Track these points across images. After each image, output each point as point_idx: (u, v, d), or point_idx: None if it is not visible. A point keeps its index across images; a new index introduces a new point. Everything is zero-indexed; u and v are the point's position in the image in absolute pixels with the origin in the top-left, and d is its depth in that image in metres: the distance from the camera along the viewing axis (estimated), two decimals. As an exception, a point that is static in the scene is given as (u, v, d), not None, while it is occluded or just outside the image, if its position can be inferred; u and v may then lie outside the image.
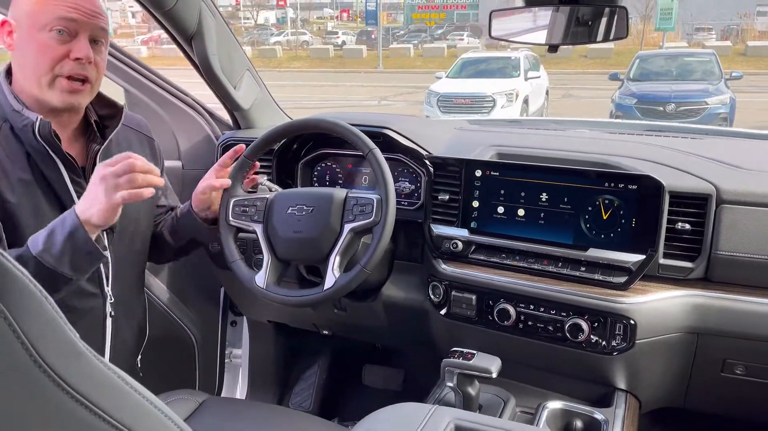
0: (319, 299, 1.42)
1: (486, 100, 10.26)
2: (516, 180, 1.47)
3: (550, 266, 1.43)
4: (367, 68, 23.51)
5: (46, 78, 1.14)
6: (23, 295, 0.57)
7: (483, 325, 1.49)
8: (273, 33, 34.37)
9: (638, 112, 9.17)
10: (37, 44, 1.12)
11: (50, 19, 1.11)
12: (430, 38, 32.32)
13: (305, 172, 1.83)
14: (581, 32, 1.30)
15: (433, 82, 11.61)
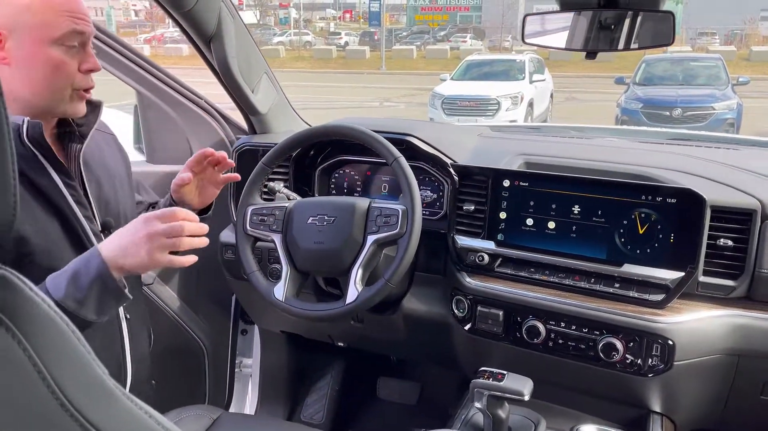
0: (341, 314, 1.36)
1: (491, 103, 10.19)
2: (547, 191, 1.41)
3: (582, 282, 1.37)
4: (369, 69, 23.46)
5: (67, 93, 1.09)
6: (47, 328, 0.51)
7: (510, 342, 1.43)
8: (276, 33, 34.32)
9: (644, 117, 9.12)
10: (51, 61, 1.05)
11: (63, 33, 1.05)
12: (432, 40, 32.28)
13: (322, 179, 1.77)
14: (619, 38, 1.24)
15: (435, 83, 11.54)
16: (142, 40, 30.94)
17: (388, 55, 24.95)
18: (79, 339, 0.53)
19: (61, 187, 1.12)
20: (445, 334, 1.58)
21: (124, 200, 1.31)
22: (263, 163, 1.48)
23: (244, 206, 1.47)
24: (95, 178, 1.23)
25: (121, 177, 1.32)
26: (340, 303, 1.36)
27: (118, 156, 1.35)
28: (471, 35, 31.53)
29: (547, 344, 1.38)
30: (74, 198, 1.14)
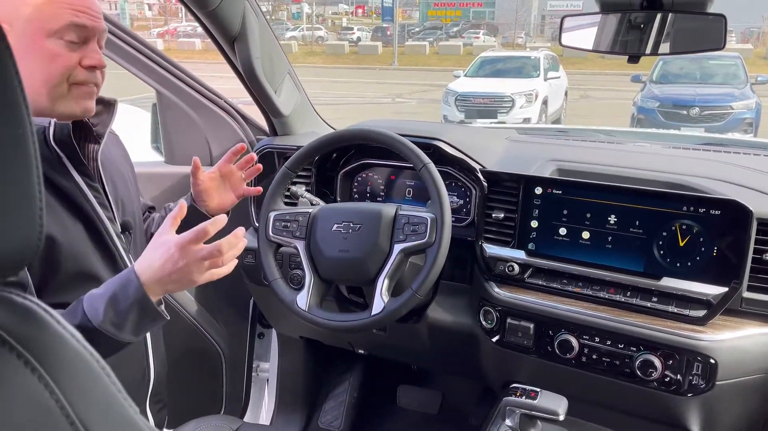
0: (367, 325, 1.31)
1: (505, 100, 10.10)
2: (581, 200, 1.36)
3: (618, 295, 1.31)
4: (381, 65, 23.37)
5: (62, 88, 1.03)
6: (76, 367, 0.47)
7: (540, 356, 1.37)
8: (288, 28, 34.29)
9: (661, 116, 8.99)
10: (46, 53, 1.00)
11: (61, 26, 1.00)
12: (445, 36, 32.13)
13: (345, 183, 1.73)
14: (664, 41, 1.18)
15: (448, 79, 11.45)
16: (156, 34, 31.02)
17: (400, 51, 24.84)
18: (109, 376, 0.49)
19: (84, 189, 1.10)
20: (471, 345, 1.53)
21: (134, 200, 1.29)
22: (287, 167, 1.43)
23: (267, 211, 1.43)
24: (111, 179, 1.20)
25: (129, 176, 1.30)
26: (365, 314, 1.32)
27: (123, 155, 1.32)
28: (484, 31, 31.33)
29: (580, 359, 1.32)
30: (98, 200, 1.12)
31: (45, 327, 0.46)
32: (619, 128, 2.44)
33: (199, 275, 1.01)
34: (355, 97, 15.03)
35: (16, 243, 0.46)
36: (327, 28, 37.26)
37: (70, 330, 0.48)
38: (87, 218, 1.10)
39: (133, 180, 1.33)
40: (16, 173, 0.46)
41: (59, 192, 1.06)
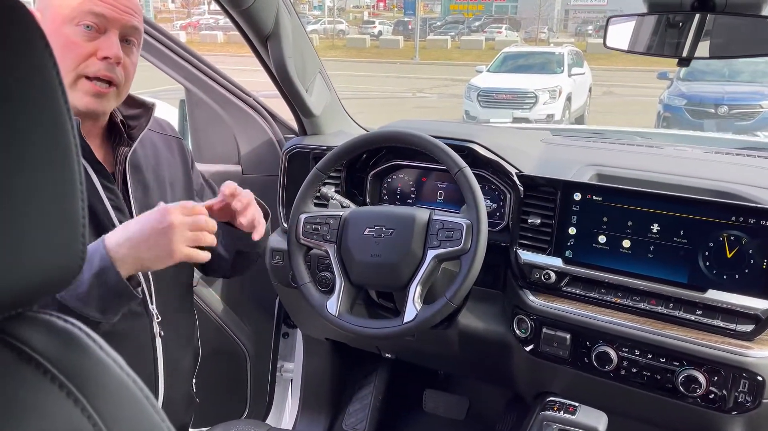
0: (399, 333, 1.28)
1: (528, 96, 10.01)
2: (622, 207, 1.31)
3: (660, 307, 1.26)
4: (403, 59, 23.27)
5: (68, 77, 1.00)
6: (119, 397, 0.44)
7: (577, 368, 1.33)
8: (309, 21, 34.31)
9: (688, 114, 8.82)
10: (62, 39, 0.98)
11: (78, 12, 0.98)
12: (467, 30, 31.90)
13: (374, 184, 1.69)
14: (719, 44, 1.13)
15: (469, 74, 11.36)
16: (178, 26, 31.23)
17: (421, 45, 24.71)
18: (154, 405, 0.46)
19: (99, 189, 1.07)
20: (503, 354, 1.49)
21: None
22: (318, 169, 1.40)
23: (297, 213, 1.40)
24: (142, 184, 1.16)
25: (174, 182, 1.25)
26: (397, 321, 1.28)
27: (177, 159, 1.28)
28: (506, 26, 31.06)
29: (619, 373, 1.28)
30: (112, 203, 1.09)
31: (88, 353, 0.44)
32: (656, 130, 2.38)
33: (179, 243, 0.96)
34: (375, 91, 14.97)
35: (59, 262, 0.44)
36: (348, 21, 37.21)
37: (113, 355, 0.46)
38: (96, 218, 1.07)
39: (183, 186, 1.27)
40: (61, 190, 0.43)
41: None
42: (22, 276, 0.41)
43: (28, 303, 0.44)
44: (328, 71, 1.79)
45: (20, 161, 0.40)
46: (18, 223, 0.41)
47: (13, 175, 0.40)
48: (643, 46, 1.24)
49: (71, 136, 0.44)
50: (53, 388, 0.41)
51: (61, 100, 0.44)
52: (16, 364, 0.41)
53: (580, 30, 31.33)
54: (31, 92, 0.42)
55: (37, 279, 0.43)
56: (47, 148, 0.43)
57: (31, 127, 0.41)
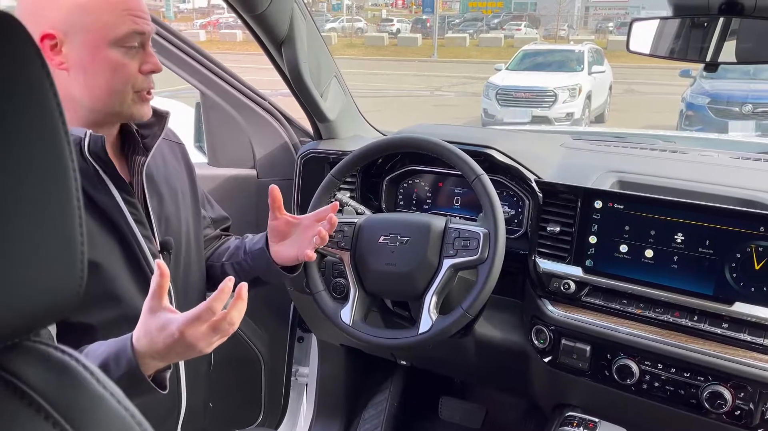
0: (413, 344, 1.26)
1: (547, 95, 9.89)
2: (645, 215, 1.27)
3: (684, 319, 1.22)
4: (421, 57, 23.20)
5: (129, 96, 1.01)
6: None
7: (597, 381, 1.30)
8: (328, 19, 34.36)
9: (711, 112, 8.65)
10: (110, 63, 0.97)
11: (123, 34, 0.97)
12: (486, 27, 31.70)
13: (390, 189, 1.67)
14: (747, 48, 1.09)
15: (488, 72, 11.28)
16: (198, 25, 31.46)
17: (440, 43, 24.60)
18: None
19: (121, 204, 1.05)
20: (521, 364, 1.46)
21: (186, 216, 1.22)
22: (333, 175, 1.39)
23: None
24: (157, 194, 1.15)
25: (184, 190, 1.24)
26: (412, 331, 1.26)
27: (182, 167, 1.27)
28: (526, 23, 30.81)
29: (641, 386, 1.24)
30: (134, 217, 1.07)
31: (84, 388, 0.42)
32: (679, 133, 2.32)
33: (207, 347, 0.92)
34: (393, 89, 14.93)
35: (55, 291, 0.42)
36: (367, 19, 37.19)
37: (110, 389, 0.44)
38: (120, 234, 1.05)
39: (191, 194, 1.26)
40: (59, 215, 0.42)
41: (93, 205, 1.02)
42: (18, 305, 0.40)
43: (25, 332, 0.43)
44: (346, 70, 1.77)
45: (16, 186, 0.39)
46: (14, 251, 0.39)
47: (9, 201, 0.38)
48: (666, 49, 1.20)
49: (69, 160, 0.42)
50: (46, 426, 0.39)
51: (59, 122, 0.42)
52: (9, 400, 0.39)
53: (601, 27, 30.95)
54: (27, 116, 0.40)
55: (34, 309, 0.41)
56: (44, 172, 0.41)
57: (28, 151, 0.40)
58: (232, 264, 1.31)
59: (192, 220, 1.24)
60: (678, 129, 8.62)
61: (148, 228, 1.10)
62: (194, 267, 1.25)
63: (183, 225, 1.20)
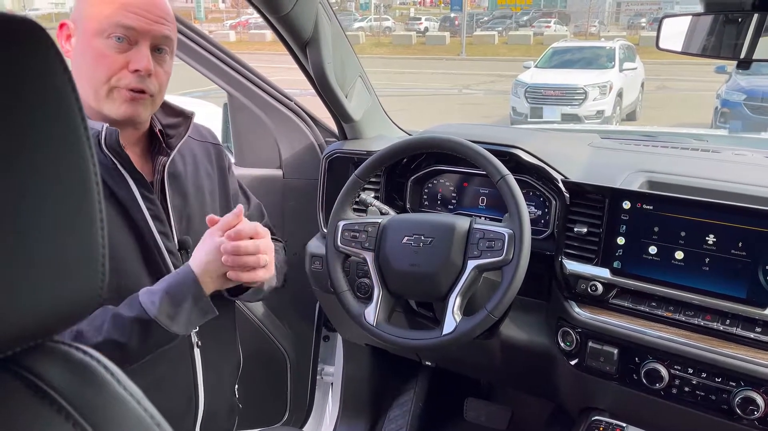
0: (436, 345, 1.25)
1: (577, 92, 9.76)
2: (675, 216, 1.24)
3: (716, 323, 1.19)
4: (449, 55, 23.10)
5: (103, 89, 1.01)
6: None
7: (625, 385, 1.27)
8: (356, 18, 34.42)
9: (747, 109, 8.41)
10: (93, 52, 0.99)
11: (108, 24, 0.98)
12: (515, 25, 31.40)
13: (415, 189, 1.66)
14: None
15: (517, 70, 11.17)
16: (228, 25, 31.82)
17: (468, 41, 24.44)
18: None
19: (138, 199, 1.07)
20: (547, 366, 1.44)
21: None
22: (357, 175, 1.39)
23: (336, 220, 1.39)
24: (181, 193, 1.17)
25: (212, 191, 1.25)
26: (435, 333, 1.26)
27: (214, 168, 1.28)
28: (555, 20, 30.42)
29: (670, 391, 1.21)
30: (151, 212, 1.09)
31: (104, 388, 0.43)
32: (712, 132, 2.25)
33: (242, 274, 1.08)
34: (421, 88, 14.90)
35: (77, 294, 0.43)
36: (395, 18, 37.16)
37: (131, 389, 0.44)
38: (137, 229, 1.07)
39: (220, 195, 1.27)
40: (81, 221, 0.42)
41: (113, 198, 1.04)
42: (41, 308, 0.41)
43: (47, 334, 0.44)
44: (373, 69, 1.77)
45: (41, 192, 0.40)
46: (37, 256, 0.40)
47: (34, 207, 0.39)
48: (698, 47, 1.17)
49: (91, 166, 0.43)
50: (67, 426, 0.40)
51: (81, 128, 0.42)
52: (31, 400, 0.40)
53: (633, 23, 30.41)
54: (52, 124, 0.41)
55: (56, 311, 0.42)
56: (68, 179, 0.42)
57: (51, 158, 0.41)
58: None
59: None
60: (713, 126, 8.43)
61: (166, 225, 1.12)
62: None
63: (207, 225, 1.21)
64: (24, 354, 0.42)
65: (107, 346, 0.97)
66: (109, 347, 0.97)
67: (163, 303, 1.00)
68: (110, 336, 0.98)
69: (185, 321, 1.03)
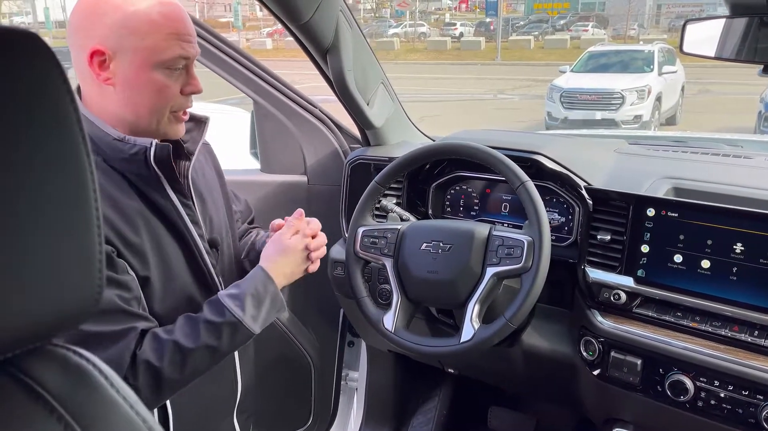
0: (454, 353, 1.24)
1: (614, 97, 9.58)
2: (701, 224, 1.21)
3: (743, 334, 1.16)
4: (484, 60, 22.98)
5: (165, 116, 1.05)
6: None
7: (648, 396, 1.24)
8: (391, 25, 34.54)
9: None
10: (155, 85, 1.01)
11: (170, 57, 1.00)
12: (551, 29, 31.03)
13: (437, 196, 1.66)
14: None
15: (553, 75, 11.02)
16: (265, 33, 32.31)
17: (504, 46, 24.29)
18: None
19: (178, 206, 1.12)
20: (570, 376, 1.42)
21: (222, 215, 1.28)
22: (377, 182, 1.39)
23: (356, 226, 1.39)
24: (200, 196, 1.21)
25: (217, 190, 1.29)
26: (453, 340, 1.25)
27: (211, 167, 1.32)
28: (593, 23, 29.96)
29: (696, 404, 1.18)
30: (190, 217, 1.13)
31: (98, 392, 0.44)
32: (748, 137, 2.17)
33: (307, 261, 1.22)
34: (455, 93, 14.85)
35: (75, 299, 0.44)
36: (430, 24, 37.16)
37: (124, 393, 0.45)
38: (180, 235, 1.11)
39: (222, 194, 1.32)
40: (78, 227, 0.44)
41: (156, 209, 1.08)
42: (38, 312, 0.42)
43: (45, 338, 0.45)
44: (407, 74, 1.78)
45: (38, 202, 0.41)
46: (35, 260, 0.41)
47: (31, 213, 0.40)
48: (726, 51, 1.14)
49: (89, 174, 0.44)
50: (58, 427, 0.41)
51: (79, 137, 0.44)
52: (25, 402, 0.41)
53: (674, 25, 29.73)
54: (48, 131, 0.42)
55: (54, 315, 0.43)
56: (65, 184, 0.43)
57: (49, 165, 0.42)
58: (250, 261, 1.36)
59: (226, 218, 1.29)
60: (756, 131, 8.17)
61: (201, 228, 1.17)
62: (233, 261, 1.31)
63: (222, 224, 1.26)
64: (22, 357, 0.44)
65: (201, 351, 1.04)
66: (204, 352, 1.05)
67: (248, 306, 1.09)
68: (204, 342, 1.04)
69: (262, 321, 1.12)
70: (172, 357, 1.00)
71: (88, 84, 1.03)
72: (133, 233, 1.02)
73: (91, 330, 0.95)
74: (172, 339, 1.02)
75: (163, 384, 1.01)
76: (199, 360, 1.04)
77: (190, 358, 1.02)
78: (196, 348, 1.03)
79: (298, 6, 1.28)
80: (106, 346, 0.96)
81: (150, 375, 0.99)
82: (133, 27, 0.97)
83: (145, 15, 0.97)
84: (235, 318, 1.07)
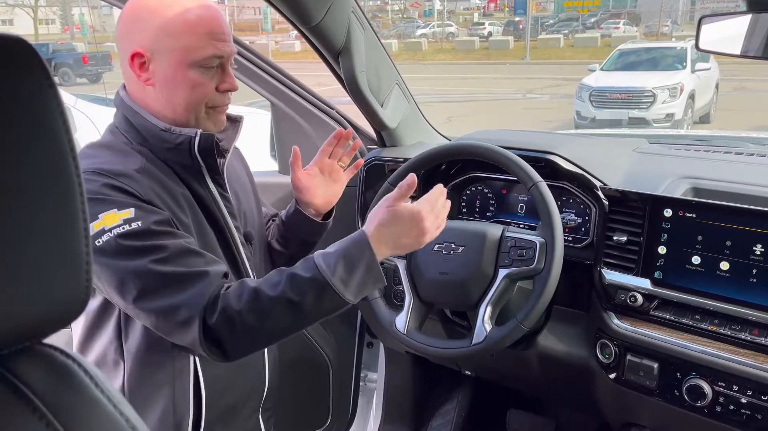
0: (465, 355, 1.24)
1: (645, 95, 9.38)
2: (720, 225, 1.18)
3: (763, 338, 1.12)
4: (513, 60, 22.78)
5: (202, 112, 1.09)
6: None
7: (666, 401, 1.22)
8: (419, 25, 34.48)
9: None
10: (191, 82, 1.05)
11: (204, 57, 1.04)
12: (581, 27, 30.62)
13: (453, 196, 1.65)
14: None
15: (582, 73, 10.86)
16: (294, 35, 32.53)
17: (532, 45, 24.05)
18: None
19: (218, 198, 1.15)
20: (586, 379, 1.39)
21: (256, 211, 1.31)
22: (389, 183, 1.39)
23: None
24: (235, 191, 1.24)
25: (249, 189, 1.32)
26: (465, 342, 1.24)
27: (242, 167, 1.35)
28: (624, 21, 29.46)
29: (714, 409, 1.15)
30: (228, 210, 1.17)
31: (81, 391, 0.45)
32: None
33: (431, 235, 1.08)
34: (484, 93, 14.75)
35: (62, 300, 0.45)
36: (458, 24, 36.99)
37: (108, 392, 0.46)
38: (218, 226, 1.15)
39: (254, 193, 1.35)
40: (64, 227, 0.44)
41: (198, 198, 1.12)
42: (26, 312, 0.43)
43: (32, 338, 0.46)
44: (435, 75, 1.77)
45: (23, 205, 0.41)
46: (21, 261, 0.42)
47: (16, 220, 0.41)
48: (746, 47, 1.11)
49: (74, 176, 0.45)
50: (40, 426, 0.42)
51: (65, 141, 0.44)
52: (9, 401, 0.42)
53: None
54: (34, 135, 0.43)
55: (41, 316, 0.44)
56: (52, 186, 0.44)
57: (35, 169, 0.43)
58: (276, 239, 1.38)
59: (257, 214, 1.32)
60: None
61: (238, 220, 1.20)
62: (260, 257, 1.33)
63: (256, 221, 1.29)
64: (9, 356, 0.45)
65: (281, 303, 0.99)
66: (283, 304, 0.99)
67: (338, 267, 1.00)
68: (285, 294, 0.99)
69: (355, 289, 1.03)
70: (251, 303, 0.98)
71: (132, 86, 1.09)
72: (183, 214, 1.07)
73: (168, 271, 0.96)
74: (255, 286, 1.00)
75: (237, 328, 0.98)
76: (279, 312, 0.99)
77: (269, 307, 0.99)
78: (275, 297, 0.99)
79: (308, 8, 1.29)
80: (185, 287, 0.97)
81: (226, 316, 0.97)
82: (170, 29, 1.02)
83: (180, 17, 1.02)
84: (322, 277, 0.99)
